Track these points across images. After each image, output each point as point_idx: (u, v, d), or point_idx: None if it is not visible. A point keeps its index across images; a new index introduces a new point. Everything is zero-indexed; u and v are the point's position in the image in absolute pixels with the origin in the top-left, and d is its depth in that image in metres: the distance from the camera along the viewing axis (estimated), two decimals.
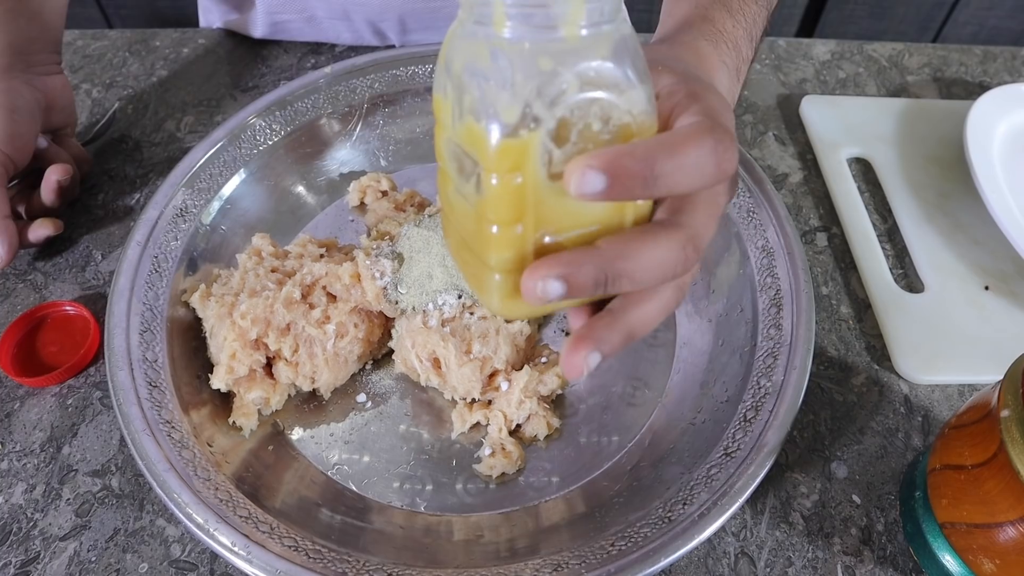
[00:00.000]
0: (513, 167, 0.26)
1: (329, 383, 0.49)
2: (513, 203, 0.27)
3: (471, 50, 0.27)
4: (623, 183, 0.26)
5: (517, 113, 0.26)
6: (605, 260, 0.28)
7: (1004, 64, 0.78)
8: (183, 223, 0.53)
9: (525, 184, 0.27)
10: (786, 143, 0.69)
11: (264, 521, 0.41)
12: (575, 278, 0.27)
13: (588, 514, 0.45)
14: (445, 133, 0.29)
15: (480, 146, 0.27)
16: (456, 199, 0.30)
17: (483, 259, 0.30)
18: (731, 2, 0.43)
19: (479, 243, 0.30)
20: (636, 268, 0.28)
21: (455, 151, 0.29)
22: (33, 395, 0.52)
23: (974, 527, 0.39)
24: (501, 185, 0.27)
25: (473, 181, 0.28)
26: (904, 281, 0.59)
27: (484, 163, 0.27)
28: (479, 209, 0.28)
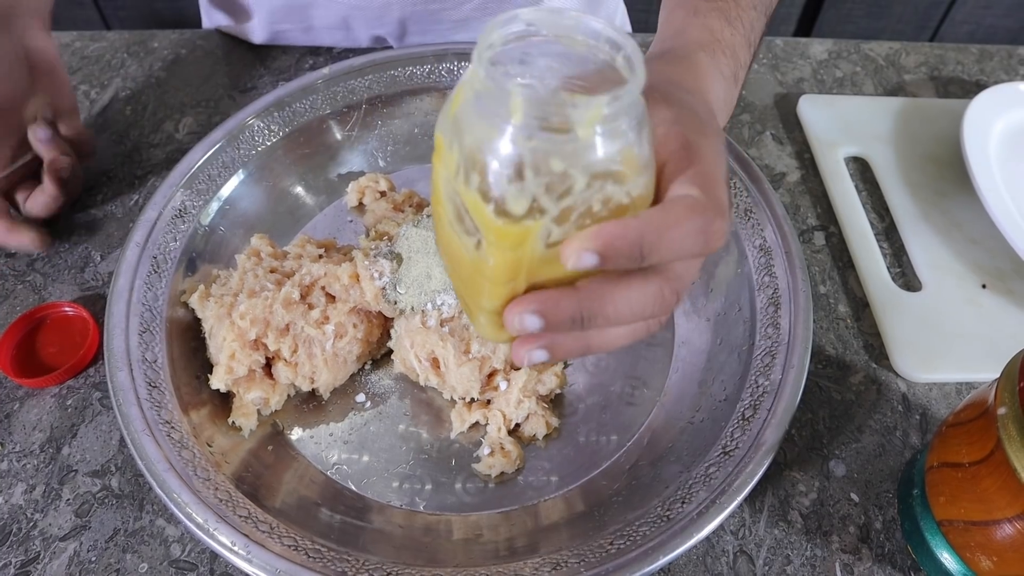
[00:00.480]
0: (514, 246, 0.28)
1: (328, 383, 0.50)
2: (509, 270, 0.29)
3: (486, 129, 0.27)
4: (614, 260, 0.28)
5: (524, 207, 0.27)
6: (582, 300, 0.29)
7: (1000, 63, 0.78)
8: (182, 224, 0.53)
9: (523, 256, 0.29)
10: (784, 142, 0.69)
11: (264, 521, 0.41)
12: (552, 315, 0.29)
13: (587, 513, 0.45)
14: (446, 173, 0.30)
15: (485, 222, 0.28)
16: (451, 233, 0.31)
17: (474, 297, 0.32)
18: (729, 9, 0.43)
19: (472, 285, 0.31)
20: (612, 310, 0.30)
21: (456, 200, 0.30)
22: (33, 396, 0.52)
23: (972, 524, 0.39)
24: (500, 256, 0.29)
25: (473, 239, 0.29)
26: (902, 280, 0.59)
27: (486, 236, 0.28)
28: (476, 262, 0.30)
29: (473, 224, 0.29)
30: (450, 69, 0.62)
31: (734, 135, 0.69)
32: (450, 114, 0.29)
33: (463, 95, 0.29)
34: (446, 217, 0.31)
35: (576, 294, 0.30)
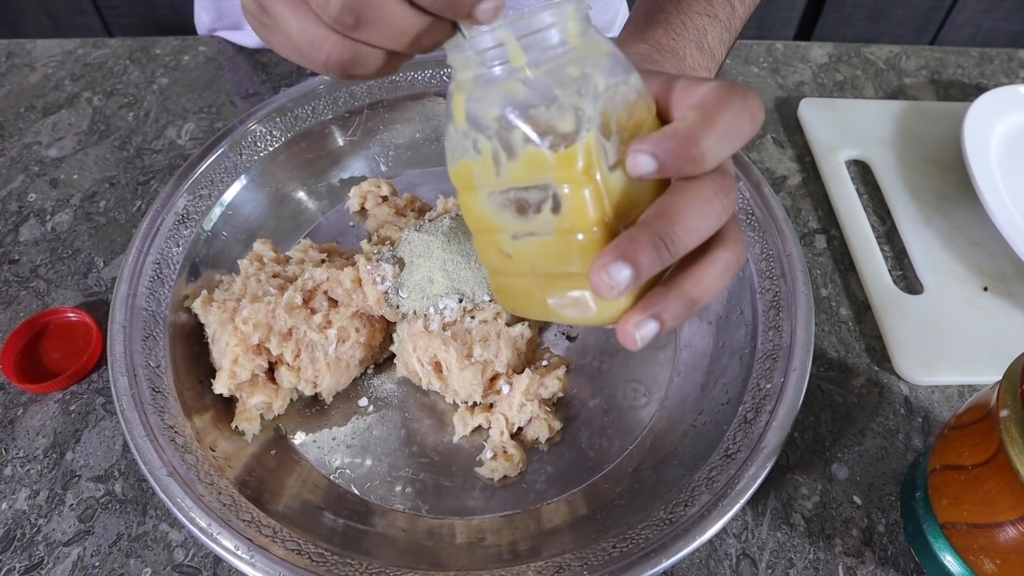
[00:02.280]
0: (586, 167, 0.28)
1: (331, 387, 0.50)
2: (595, 201, 0.29)
3: (503, 92, 0.28)
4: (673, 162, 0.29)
5: (572, 119, 0.28)
6: (654, 227, 0.29)
7: (1001, 66, 0.78)
8: (185, 229, 0.54)
9: (598, 182, 0.29)
10: (785, 146, 0.69)
11: (267, 525, 0.41)
12: (632, 252, 0.28)
13: (589, 516, 0.45)
14: (483, 191, 0.31)
15: (550, 166, 0.28)
16: (515, 245, 0.32)
17: (574, 273, 0.31)
18: (670, 20, 0.44)
19: (564, 259, 0.31)
20: (683, 221, 0.29)
21: (507, 198, 0.30)
22: (36, 401, 0.52)
23: (975, 527, 0.39)
24: (580, 189, 0.29)
25: (547, 206, 0.29)
26: (903, 282, 0.59)
27: (559, 178, 0.29)
28: (561, 226, 0.30)
29: (538, 190, 0.29)
30: (451, 74, 0.62)
31: None
32: (460, 119, 0.30)
33: (459, 98, 0.30)
34: (508, 235, 0.32)
35: (644, 224, 0.29)
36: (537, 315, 0.34)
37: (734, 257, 0.31)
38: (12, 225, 0.62)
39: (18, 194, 0.64)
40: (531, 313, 0.34)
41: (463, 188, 0.32)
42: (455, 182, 0.32)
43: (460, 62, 0.30)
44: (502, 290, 0.35)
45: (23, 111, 0.71)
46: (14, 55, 0.76)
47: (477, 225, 0.33)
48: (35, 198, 0.64)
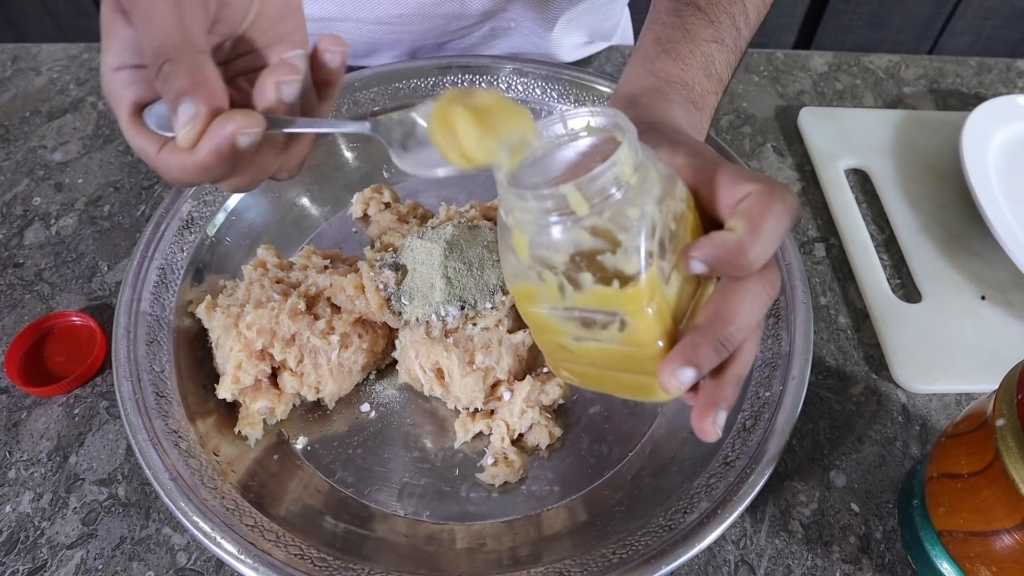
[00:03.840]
0: (649, 298, 0.31)
1: (333, 393, 0.50)
2: (658, 322, 0.32)
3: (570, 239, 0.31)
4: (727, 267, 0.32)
5: (636, 261, 0.30)
6: (713, 331, 0.32)
7: (999, 75, 0.79)
8: (189, 235, 0.54)
9: (659, 303, 0.31)
10: (784, 154, 0.69)
11: (270, 529, 0.41)
12: (697, 358, 0.31)
13: (590, 522, 0.45)
14: (546, 306, 0.33)
15: (619, 300, 0.31)
16: (580, 345, 0.34)
17: (641, 377, 0.34)
18: (679, 49, 0.45)
19: (634, 366, 0.34)
20: (737, 322, 0.32)
21: (572, 314, 0.33)
22: (40, 405, 0.52)
23: (971, 535, 0.39)
24: (644, 317, 0.31)
25: (613, 327, 0.32)
26: (902, 291, 0.59)
27: (627, 308, 0.31)
28: (629, 342, 0.32)
29: (605, 314, 0.32)
30: (453, 82, 0.63)
31: (735, 147, 0.70)
32: (523, 256, 0.32)
33: (521, 237, 0.32)
34: (570, 338, 0.34)
35: (704, 329, 0.32)
36: (595, 389, 0.38)
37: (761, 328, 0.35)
38: (17, 229, 0.62)
39: (23, 198, 0.65)
40: (592, 387, 0.38)
41: (524, 301, 0.35)
42: (515, 295, 0.35)
43: (519, 206, 0.31)
44: (560, 368, 0.38)
45: (28, 115, 0.71)
46: (19, 59, 0.77)
47: (538, 326, 0.36)
48: (40, 202, 0.64)
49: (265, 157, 0.36)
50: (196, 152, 0.32)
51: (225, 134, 0.32)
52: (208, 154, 0.32)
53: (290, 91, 0.34)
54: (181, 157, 0.33)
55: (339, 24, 0.69)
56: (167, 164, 0.34)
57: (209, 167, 0.33)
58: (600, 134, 0.33)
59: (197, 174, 0.33)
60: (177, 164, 0.33)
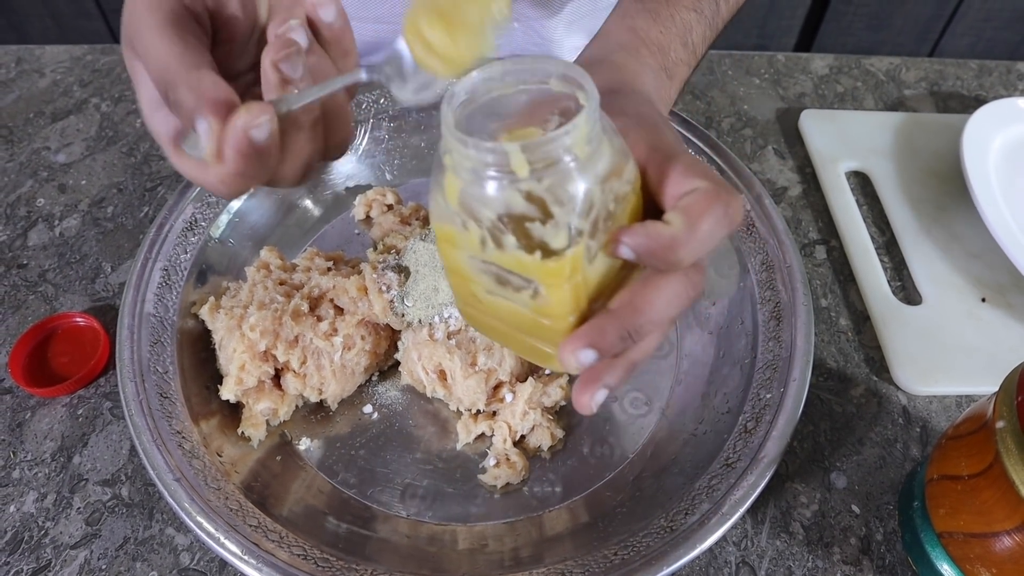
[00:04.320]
0: (572, 273, 0.30)
1: (336, 394, 0.50)
2: (572, 299, 0.31)
3: (502, 198, 0.29)
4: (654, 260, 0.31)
5: (565, 237, 0.29)
6: (623, 320, 0.31)
7: (999, 78, 0.79)
8: (192, 236, 0.54)
9: (577, 280, 0.30)
10: (785, 157, 0.70)
11: (273, 530, 0.42)
12: (601, 342, 0.31)
13: (591, 524, 0.45)
14: (469, 252, 0.32)
15: (537, 270, 0.30)
16: (492, 300, 0.33)
17: (543, 344, 0.34)
18: (659, 10, 0.45)
19: (539, 332, 0.33)
20: (650, 315, 0.31)
21: (489, 268, 0.32)
22: (44, 405, 0.52)
23: (971, 536, 0.39)
24: (559, 291, 0.30)
25: (526, 292, 0.31)
26: (902, 293, 0.59)
27: (544, 280, 0.30)
28: (539, 310, 0.32)
29: (521, 279, 0.31)
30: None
31: (736, 150, 0.70)
32: (452, 201, 0.31)
33: (453, 181, 0.30)
34: (483, 289, 0.33)
35: (614, 315, 0.31)
36: (498, 342, 0.37)
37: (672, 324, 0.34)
38: (21, 230, 0.63)
39: (27, 199, 0.65)
40: (494, 339, 0.38)
41: (444, 242, 0.33)
42: (436, 233, 0.33)
43: (458, 151, 0.29)
44: (469, 315, 0.37)
45: (32, 117, 0.72)
46: (23, 61, 0.77)
47: (453, 270, 0.34)
48: (44, 203, 0.65)
49: (297, 140, 0.34)
50: (225, 162, 0.32)
51: (238, 136, 0.31)
52: (234, 159, 0.32)
53: (289, 67, 0.32)
54: (217, 170, 0.33)
55: None
56: (211, 182, 0.33)
57: (242, 171, 0.32)
58: (564, 89, 0.31)
59: (237, 181, 0.33)
60: (216, 178, 0.33)
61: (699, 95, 0.75)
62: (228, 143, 0.31)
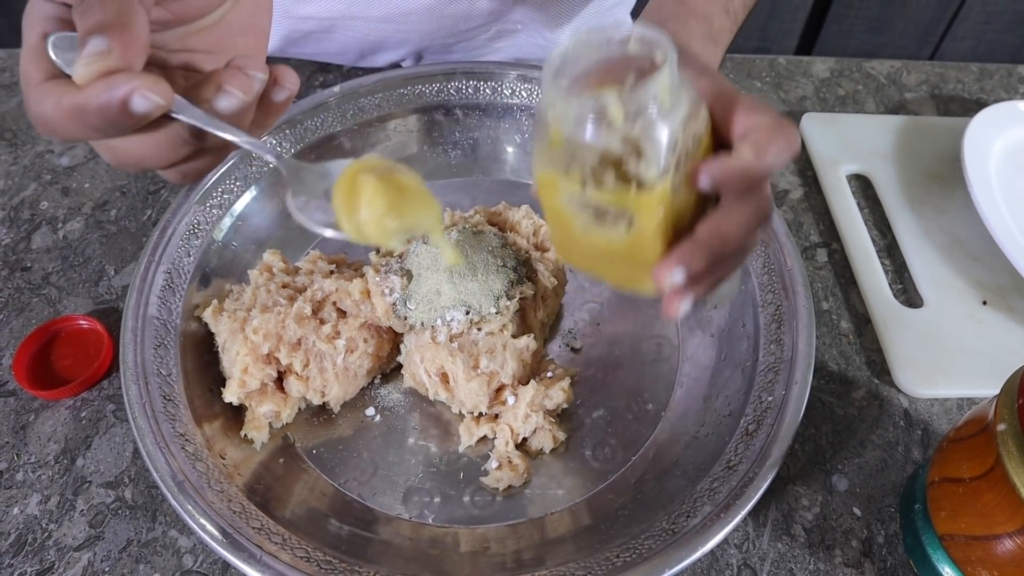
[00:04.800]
0: (661, 204, 0.34)
1: (339, 397, 0.50)
2: (663, 227, 0.35)
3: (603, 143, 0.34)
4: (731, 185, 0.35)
5: (655, 171, 0.34)
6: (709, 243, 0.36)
7: (1000, 81, 0.79)
8: (195, 239, 0.54)
9: (666, 209, 0.35)
10: None
11: (276, 532, 0.42)
12: (692, 263, 0.35)
13: (593, 526, 0.46)
14: (569, 194, 0.36)
15: (633, 202, 0.34)
16: (587, 235, 0.37)
17: (635, 270, 0.38)
18: None
19: (633, 263, 0.37)
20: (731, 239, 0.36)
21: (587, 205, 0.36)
22: (47, 408, 0.52)
23: (972, 539, 0.39)
24: (651, 220, 0.35)
25: (622, 223, 0.36)
26: (903, 296, 0.59)
27: (637, 210, 0.35)
28: (634, 239, 0.36)
29: (617, 212, 0.36)
30: (458, 88, 0.63)
31: None
32: (556, 148, 0.35)
33: (558, 131, 0.34)
34: (581, 229, 0.37)
35: (700, 240, 0.36)
36: (593, 275, 0.42)
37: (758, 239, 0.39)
38: (24, 233, 0.63)
39: (30, 202, 0.65)
40: (588, 271, 0.42)
41: (546, 188, 0.37)
42: (539, 181, 0.37)
43: (562, 104, 0.34)
44: (567, 251, 0.41)
45: None
46: None
47: (554, 213, 0.38)
48: (47, 206, 0.65)
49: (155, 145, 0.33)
50: (83, 92, 0.29)
51: (125, 87, 0.29)
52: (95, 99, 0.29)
53: (227, 102, 0.33)
54: (62, 92, 0.30)
55: (346, 23, 0.69)
56: (43, 97, 0.30)
57: (88, 113, 0.30)
58: (643, 49, 0.36)
59: (70, 118, 0.30)
60: (55, 99, 0.30)
61: None
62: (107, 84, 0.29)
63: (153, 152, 0.33)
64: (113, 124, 0.31)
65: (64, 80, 0.31)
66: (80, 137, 0.32)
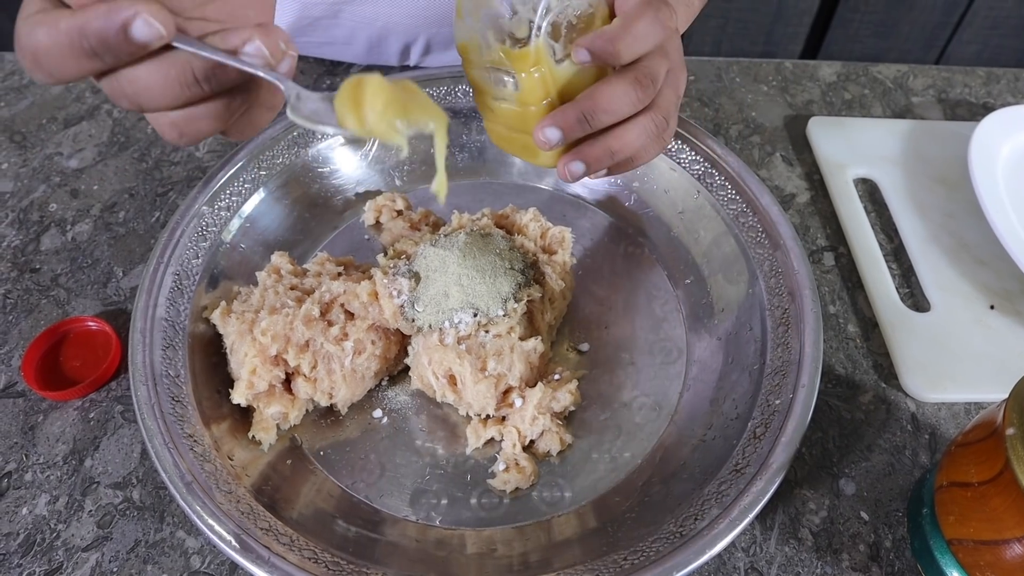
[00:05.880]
0: (534, 62, 0.41)
1: (346, 399, 0.50)
2: (542, 86, 0.41)
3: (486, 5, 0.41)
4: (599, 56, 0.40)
5: (525, 29, 0.40)
6: (580, 104, 0.41)
7: (1007, 85, 0.79)
8: (204, 241, 0.55)
9: (544, 72, 0.41)
10: (793, 164, 0.70)
11: (284, 533, 0.42)
12: (563, 122, 0.41)
13: (600, 529, 0.46)
14: (475, 64, 0.43)
15: (510, 57, 0.41)
16: (495, 105, 0.45)
17: (529, 132, 0.43)
18: None
19: (523, 123, 0.44)
20: (604, 104, 0.41)
21: (490, 73, 0.43)
22: (56, 409, 0.53)
23: (981, 544, 0.39)
24: (531, 78, 0.41)
25: (510, 85, 0.43)
26: (910, 300, 0.59)
27: (516, 68, 0.41)
28: (520, 100, 0.42)
29: (506, 74, 0.42)
30: (466, 91, 0.64)
31: (744, 156, 0.70)
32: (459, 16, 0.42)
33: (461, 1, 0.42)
34: (491, 97, 0.44)
35: (575, 102, 0.41)
36: (508, 151, 0.48)
37: (651, 122, 0.43)
38: (34, 234, 0.63)
39: (40, 204, 0.65)
40: (504, 148, 0.49)
41: (464, 60, 0.44)
42: (459, 53, 0.44)
43: None
44: (490, 130, 0.48)
45: (45, 122, 0.72)
46: None
47: (474, 86, 0.46)
48: (56, 208, 0.65)
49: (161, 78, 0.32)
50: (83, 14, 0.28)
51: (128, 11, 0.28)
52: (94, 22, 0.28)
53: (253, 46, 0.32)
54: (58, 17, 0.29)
55: (354, 8, 0.69)
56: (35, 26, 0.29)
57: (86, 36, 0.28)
58: None
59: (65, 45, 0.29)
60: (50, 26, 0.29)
61: (707, 102, 0.75)
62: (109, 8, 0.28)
63: (159, 86, 0.32)
64: (111, 51, 0.29)
65: (61, 8, 0.30)
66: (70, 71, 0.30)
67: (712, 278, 0.56)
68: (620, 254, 0.60)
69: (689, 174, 0.59)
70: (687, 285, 0.57)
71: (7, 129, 0.72)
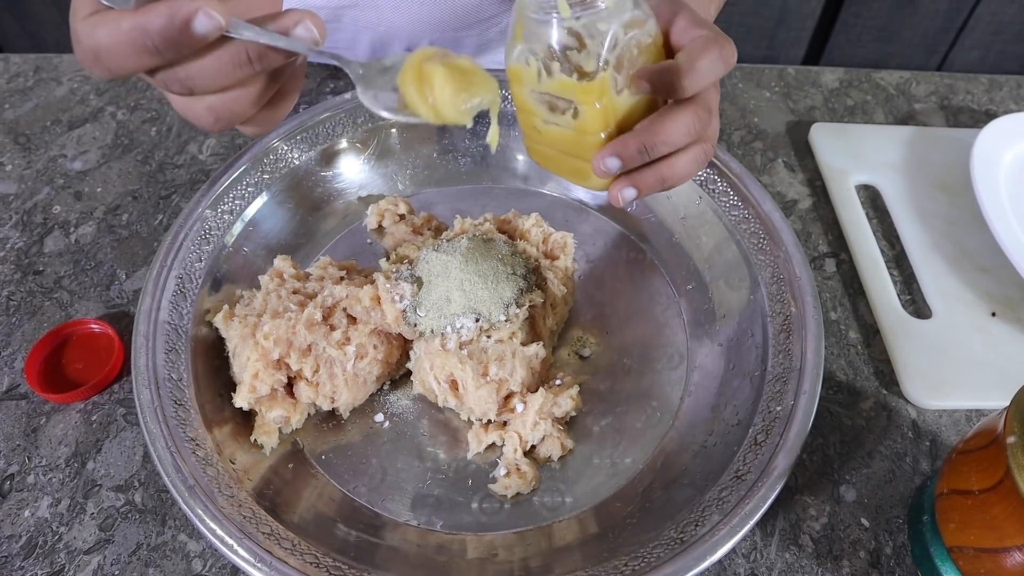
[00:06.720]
0: (599, 95, 0.40)
1: (348, 403, 0.51)
2: (603, 117, 0.41)
3: (553, 34, 0.40)
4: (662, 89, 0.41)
5: (594, 62, 0.40)
6: (642, 135, 0.41)
7: (1010, 92, 0.79)
8: (207, 244, 0.55)
9: (606, 104, 0.41)
10: (795, 170, 0.70)
11: (285, 537, 0.42)
12: (624, 152, 0.41)
13: (601, 534, 0.46)
14: (527, 88, 0.43)
15: (574, 90, 0.40)
16: (545, 127, 0.44)
17: (584, 160, 0.43)
18: None
19: (576, 148, 0.43)
20: (664, 135, 0.41)
21: (543, 97, 0.42)
22: (58, 411, 0.53)
23: (981, 551, 0.39)
24: (593, 109, 0.41)
25: (569, 113, 0.42)
26: (912, 307, 0.59)
27: (580, 99, 0.41)
28: (578, 128, 0.42)
29: (565, 102, 0.42)
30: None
31: (746, 162, 0.70)
32: (517, 42, 0.41)
33: (520, 27, 0.41)
34: (540, 120, 0.44)
35: (636, 133, 0.41)
36: (553, 171, 0.48)
37: (702, 152, 0.44)
38: (37, 236, 0.63)
39: (43, 206, 0.66)
40: (549, 169, 0.48)
41: (514, 81, 0.43)
42: (509, 75, 0.43)
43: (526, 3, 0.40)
44: (532, 149, 0.48)
45: (49, 124, 0.72)
46: (41, 69, 0.78)
47: (520, 107, 0.44)
48: (59, 210, 0.65)
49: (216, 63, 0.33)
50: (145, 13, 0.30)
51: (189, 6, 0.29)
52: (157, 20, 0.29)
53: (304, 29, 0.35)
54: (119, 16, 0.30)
55: (357, 12, 0.70)
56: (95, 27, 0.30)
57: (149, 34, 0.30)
58: None
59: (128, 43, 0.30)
60: (111, 26, 0.30)
61: None
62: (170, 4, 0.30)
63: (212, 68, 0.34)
64: (173, 45, 0.31)
65: (115, 10, 0.31)
66: (131, 67, 0.32)
67: (714, 284, 0.56)
68: (622, 260, 0.60)
69: (691, 180, 0.59)
70: (689, 291, 0.57)
71: (11, 131, 0.72)
